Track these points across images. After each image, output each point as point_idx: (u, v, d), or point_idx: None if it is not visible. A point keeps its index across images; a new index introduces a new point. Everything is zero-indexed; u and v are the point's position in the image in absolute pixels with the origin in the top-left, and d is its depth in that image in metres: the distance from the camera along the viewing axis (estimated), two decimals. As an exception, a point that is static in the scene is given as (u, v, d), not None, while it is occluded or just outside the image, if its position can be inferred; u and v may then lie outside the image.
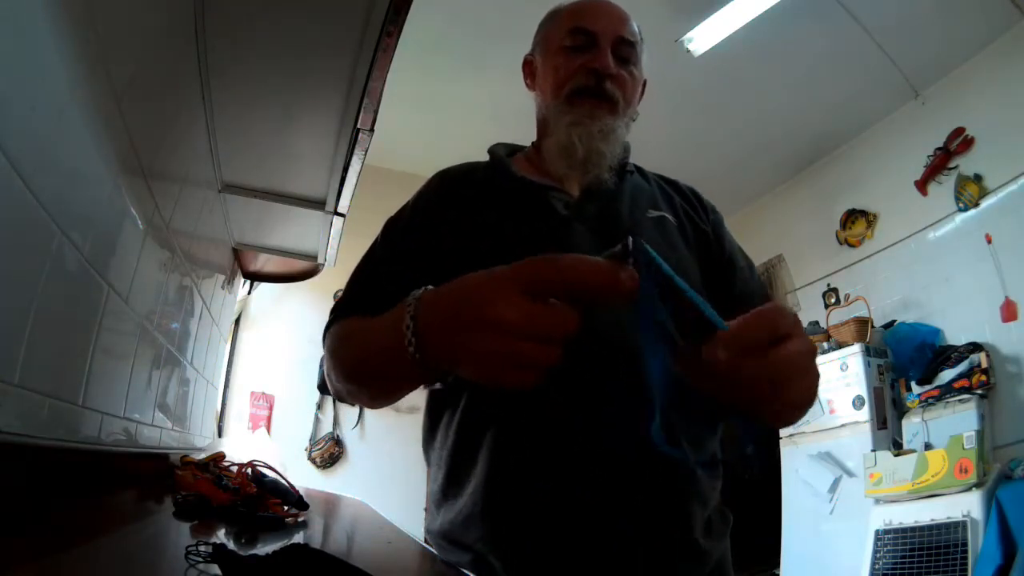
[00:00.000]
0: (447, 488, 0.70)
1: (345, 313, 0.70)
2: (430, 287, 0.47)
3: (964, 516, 2.14)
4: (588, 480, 0.63)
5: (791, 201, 4.01)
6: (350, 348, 0.64)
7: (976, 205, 2.83)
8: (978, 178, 2.84)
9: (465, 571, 0.62)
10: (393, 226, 0.78)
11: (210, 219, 1.44)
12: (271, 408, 3.35)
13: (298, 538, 0.77)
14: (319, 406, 3.47)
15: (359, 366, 0.62)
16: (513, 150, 0.87)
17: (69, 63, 0.61)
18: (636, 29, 0.81)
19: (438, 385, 0.70)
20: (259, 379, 3.39)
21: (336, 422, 3.46)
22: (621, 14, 0.80)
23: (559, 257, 0.37)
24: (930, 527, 2.23)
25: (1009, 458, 2.29)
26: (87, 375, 0.75)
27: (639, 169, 0.86)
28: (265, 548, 0.62)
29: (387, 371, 0.55)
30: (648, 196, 0.81)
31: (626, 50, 0.78)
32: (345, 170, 1.29)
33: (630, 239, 0.36)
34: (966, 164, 2.91)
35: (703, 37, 2.83)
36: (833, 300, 3.51)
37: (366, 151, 1.20)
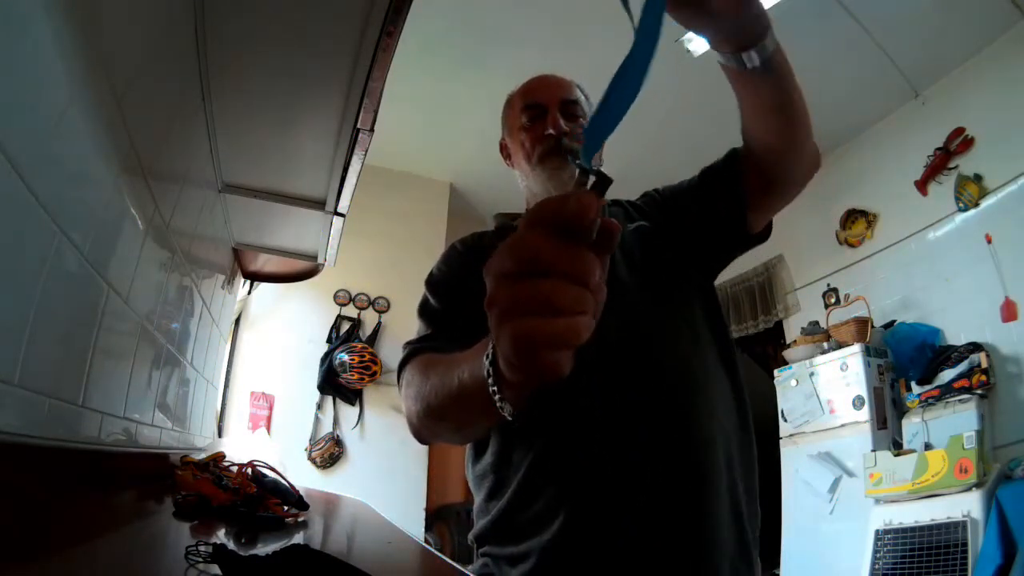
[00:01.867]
0: (488, 498, 0.82)
1: (420, 348, 0.78)
2: None
3: (964, 516, 2.14)
4: (597, 481, 0.70)
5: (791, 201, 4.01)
6: (433, 377, 0.66)
7: (976, 205, 2.83)
8: (978, 178, 2.84)
9: (465, 571, 0.62)
10: (432, 281, 0.91)
11: (210, 219, 1.44)
12: (271, 408, 3.35)
13: (298, 538, 0.77)
14: (319, 406, 3.46)
15: (443, 399, 0.62)
16: (516, 215, 0.98)
17: (69, 63, 0.61)
18: (578, 91, 0.95)
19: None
20: (259, 379, 3.39)
21: (336, 422, 3.46)
22: (560, 81, 0.95)
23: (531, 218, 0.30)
24: (930, 527, 2.23)
25: (1009, 458, 2.29)
26: (87, 375, 0.75)
27: (613, 201, 0.98)
28: (265, 548, 0.62)
29: (470, 404, 0.54)
30: (624, 215, 0.93)
31: (571, 108, 0.91)
32: (345, 170, 1.29)
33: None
34: (966, 164, 2.91)
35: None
36: (833, 300, 3.51)
37: (366, 151, 1.20)
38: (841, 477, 2.75)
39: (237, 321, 3.29)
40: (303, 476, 3.07)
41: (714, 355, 0.81)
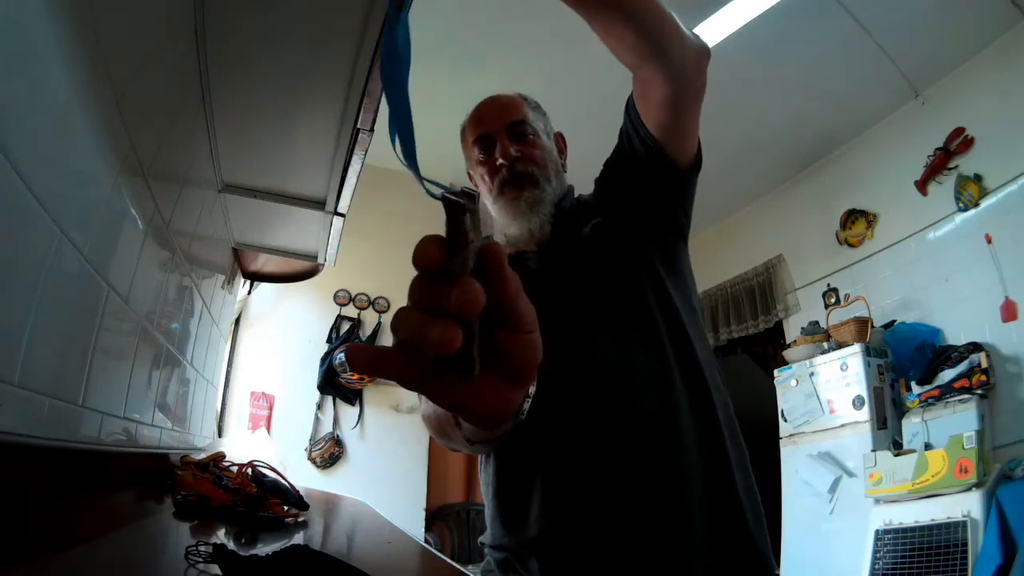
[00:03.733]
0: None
1: None
2: None
3: (964, 516, 2.14)
4: (550, 491, 0.73)
5: (791, 201, 4.01)
6: (426, 408, 0.68)
7: (976, 205, 2.83)
8: (978, 178, 2.84)
9: (465, 571, 0.62)
10: None
11: (210, 219, 1.44)
12: (271, 408, 3.35)
13: (298, 538, 0.77)
14: (319, 406, 3.46)
15: (437, 432, 0.65)
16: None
17: (69, 63, 0.61)
18: (525, 106, 0.94)
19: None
20: (259, 379, 3.39)
21: (336, 422, 3.46)
22: (503, 104, 0.94)
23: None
24: (930, 527, 2.23)
25: (1009, 458, 2.29)
26: (87, 375, 0.75)
27: (579, 197, 0.96)
28: (265, 548, 0.62)
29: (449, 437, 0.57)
30: (585, 211, 0.91)
31: (519, 129, 0.91)
32: (345, 170, 1.29)
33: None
34: (966, 164, 2.91)
35: (703, 37, 2.83)
36: (833, 300, 3.51)
37: (366, 151, 1.20)
38: (841, 477, 2.75)
39: (237, 321, 3.29)
40: (303, 476, 3.07)
41: (664, 350, 0.79)
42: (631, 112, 0.83)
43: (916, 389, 2.68)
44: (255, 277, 2.15)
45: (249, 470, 0.92)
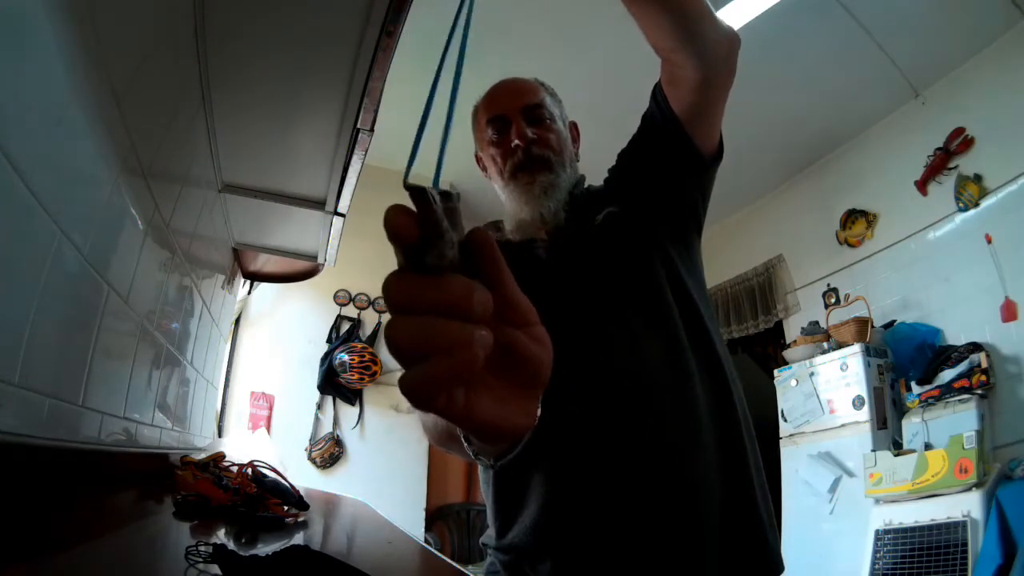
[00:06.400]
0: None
1: None
2: None
3: (964, 516, 2.14)
4: (559, 486, 0.72)
5: (791, 201, 4.01)
6: (426, 417, 0.65)
7: (976, 205, 2.83)
8: (978, 178, 2.84)
9: (465, 571, 0.62)
10: None
11: (210, 219, 1.44)
12: (271, 408, 3.35)
13: (298, 538, 0.77)
14: (319, 406, 3.46)
15: (436, 440, 0.63)
16: (496, 227, 0.97)
17: (69, 63, 0.61)
18: (542, 91, 0.93)
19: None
20: (259, 379, 3.39)
21: (336, 422, 3.46)
22: (520, 86, 0.93)
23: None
24: (930, 527, 2.23)
25: (1009, 458, 2.29)
26: (87, 375, 0.75)
27: (589, 187, 0.95)
28: (265, 548, 0.62)
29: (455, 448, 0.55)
30: (597, 200, 0.89)
31: (536, 112, 0.90)
32: (345, 170, 1.29)
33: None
34: (966, 164, 2.91)
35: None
36: (833, 300, 3.51)
37: (366, 151, 1.20)
38: (841, 477, 2.75)
39: (237, 321, 3.29)
40: (303, 476, 3.07)
41: (681, 341, 0.77)
42: (658, 96, 0.83)
43: (916, 389, 2.68)
44: (255, 277, 2.15)
45: (249, 470, 0.92)
